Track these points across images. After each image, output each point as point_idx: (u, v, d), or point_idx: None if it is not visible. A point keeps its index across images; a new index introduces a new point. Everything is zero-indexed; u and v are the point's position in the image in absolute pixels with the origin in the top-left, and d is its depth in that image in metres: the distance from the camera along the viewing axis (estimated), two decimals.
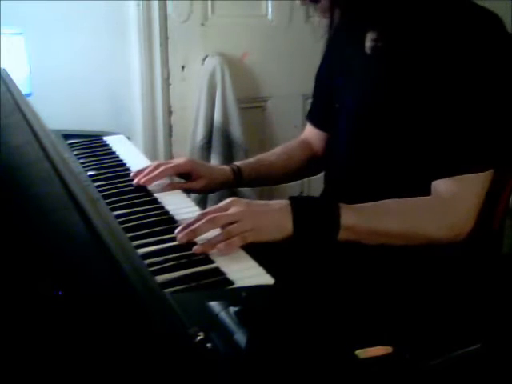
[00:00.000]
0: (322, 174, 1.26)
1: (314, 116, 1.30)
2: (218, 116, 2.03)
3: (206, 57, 2.09)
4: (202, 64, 2.09)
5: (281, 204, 0.91)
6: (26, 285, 0.45)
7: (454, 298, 0.98)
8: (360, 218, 0.92)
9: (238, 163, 1.22)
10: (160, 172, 1.11)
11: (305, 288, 0.94)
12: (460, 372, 0.89)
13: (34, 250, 0.50)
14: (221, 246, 0.84)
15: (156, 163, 1.14)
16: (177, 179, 1.19)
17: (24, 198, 0.59)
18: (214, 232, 0.87)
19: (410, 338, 0.88)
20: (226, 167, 1.20)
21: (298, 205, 0.91)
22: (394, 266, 0.98)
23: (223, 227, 0.87)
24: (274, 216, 0.89)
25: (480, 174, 0.93)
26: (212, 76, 2.03)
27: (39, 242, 0.52)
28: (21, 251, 0.49)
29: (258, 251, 0.85)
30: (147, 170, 1.12)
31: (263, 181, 1.29)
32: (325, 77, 1.24)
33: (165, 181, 1.13)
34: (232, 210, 0.89)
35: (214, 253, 0.84)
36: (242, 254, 0.85)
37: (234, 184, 1.20)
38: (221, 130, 2.04)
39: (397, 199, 0.95)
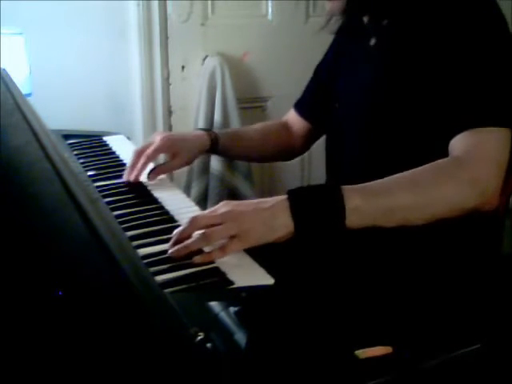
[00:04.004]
0: (323, 168, 1.26)
1: (303, 105, 1.32)
2: (217, 116, 2.03)
3: (206, 57, 2.08)
4: (202, 64, 2.09)
5: (275, 200, 0.83)
6: (26, 285, 0.45)
7: (454, 298, 0.98)
8: (367, 196, 0.83)
9: (215, 131, 1.26)
10: (143, 163, 1.13)
11: (305, 288, 0.94)
12: (460, 372, 0.89)
13: (33, 249, 0.50)
14: (197, 258, 0.80)
15: (135, 152, 1.16)
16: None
17: (24, 198, 0.59)
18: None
19: (410, 337, 0.88)
20: (204, 134, 1.22)
21: (296, 196, 0.83)
22: (393, 267, 0.98)
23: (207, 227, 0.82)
24: (264, 214, 0.81)
25: (497, 129, 0.88)
26: (212, 76, 2.03)
27: (39, 242, 0.52)
28: (21, 251, 0.49)
29: (258, 251, 0.85)
30: (131, 163, 1.14)
31: (237, 154, 1.33)
32: (324, 74, 1.25)
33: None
34: (219, 211, 0.83)
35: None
36: (242, 254, 0.85)
37: (209, 151, 1.23)
38: None
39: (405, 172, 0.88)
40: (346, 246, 0.98)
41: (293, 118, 1.33)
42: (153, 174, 1.14)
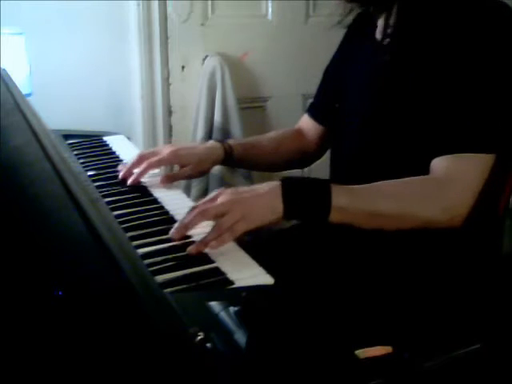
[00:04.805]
0: (324, 167, 1.26)
1: (316, 109, 1.30)
2: (218, 116, 2.03)
3: (206, 57, 2.08)
4: (202, 64, 2.09)
5: (270, 185, 0.90)
6: (26, 285, 0.45)
7: (453, 298, 0.98)
8: (352, 199, 0.90)
9: (230, 141, 1.23)
10: (144, 169, 1.11)
11: (305, 288, 0.94)
12: (460, 372, 0.89)
13: (34, 250, 0.50)
14: (213, 244, 0.85)
15: (139, 155, 1.14)
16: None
17: (24, 198, 0.59)
18: (207, 227, 0.87)
19: (410, 337, 0.88)
20: (218, 145, 1.20)
21: (289, 185, 0.90)
22: (393, 267, 0.98)
23: (214, 218, 0.87)
24: (262, 199, 0.88)
25: (478, 156, 0.92)
26: (212, 76, 2.03)
27: (39, 242, 0.52)
28: (21, 251, 0.49)
29: (258, 251, 0.85)
30: (131, 164, 1.12)
31: (251, 163, 1.31)
32: (332, 76, 1.25)
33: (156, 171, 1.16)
34: (220, 200, 0.88)
35: (211, 250, 0.84)
36: (242, 253, 0.85)
37: (223, 162, 1.22)
38: (221, 130, 2.04)
39: (391, 180, 0.94)
40: (346, 245, 0.98)
41: (306, 123, 1.32)
42: (161, 181, 1.13)
